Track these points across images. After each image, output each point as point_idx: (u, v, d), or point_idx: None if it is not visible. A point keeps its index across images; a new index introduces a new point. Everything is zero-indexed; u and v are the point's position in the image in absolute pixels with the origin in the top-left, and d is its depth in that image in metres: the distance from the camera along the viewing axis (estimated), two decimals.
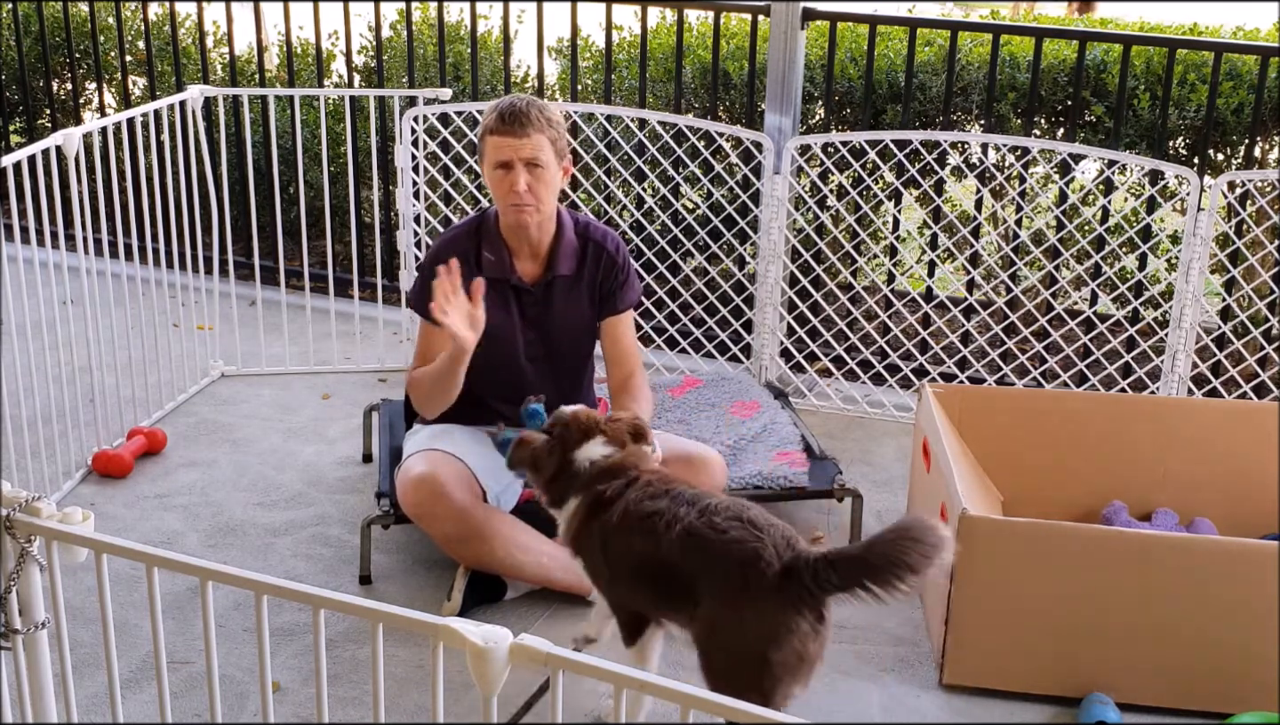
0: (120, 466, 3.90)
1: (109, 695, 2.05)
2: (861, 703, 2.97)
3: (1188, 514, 3.56)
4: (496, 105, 3.22)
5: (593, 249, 3.36)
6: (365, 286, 5.22)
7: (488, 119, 3.21)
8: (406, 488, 3.18)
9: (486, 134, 3.21)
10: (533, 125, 3.16)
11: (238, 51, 5.71)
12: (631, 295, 3.43)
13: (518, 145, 3.16)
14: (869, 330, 4.56)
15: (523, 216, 3.22)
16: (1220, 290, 4.51)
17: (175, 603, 3.25)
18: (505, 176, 3.19)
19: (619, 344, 3.43)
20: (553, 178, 3.23)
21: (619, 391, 3.40)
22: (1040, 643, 2.95)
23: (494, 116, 3.19)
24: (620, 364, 3.42)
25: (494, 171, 3.21)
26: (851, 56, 4.93)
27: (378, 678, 1.80)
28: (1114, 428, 3.62)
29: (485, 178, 3.28)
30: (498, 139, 3.18)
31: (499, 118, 3.18)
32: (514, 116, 3.16)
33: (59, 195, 3.71)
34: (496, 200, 3.26)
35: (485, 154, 3.23)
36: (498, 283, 3.30)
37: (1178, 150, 4.71)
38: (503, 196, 3.22)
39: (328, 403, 4.49)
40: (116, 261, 4.10)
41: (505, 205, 3.23)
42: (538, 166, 3.18)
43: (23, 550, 1.93)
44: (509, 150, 3.17)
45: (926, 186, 4.54)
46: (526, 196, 3.19)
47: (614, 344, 3.43)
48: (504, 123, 3.16)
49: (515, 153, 3.17)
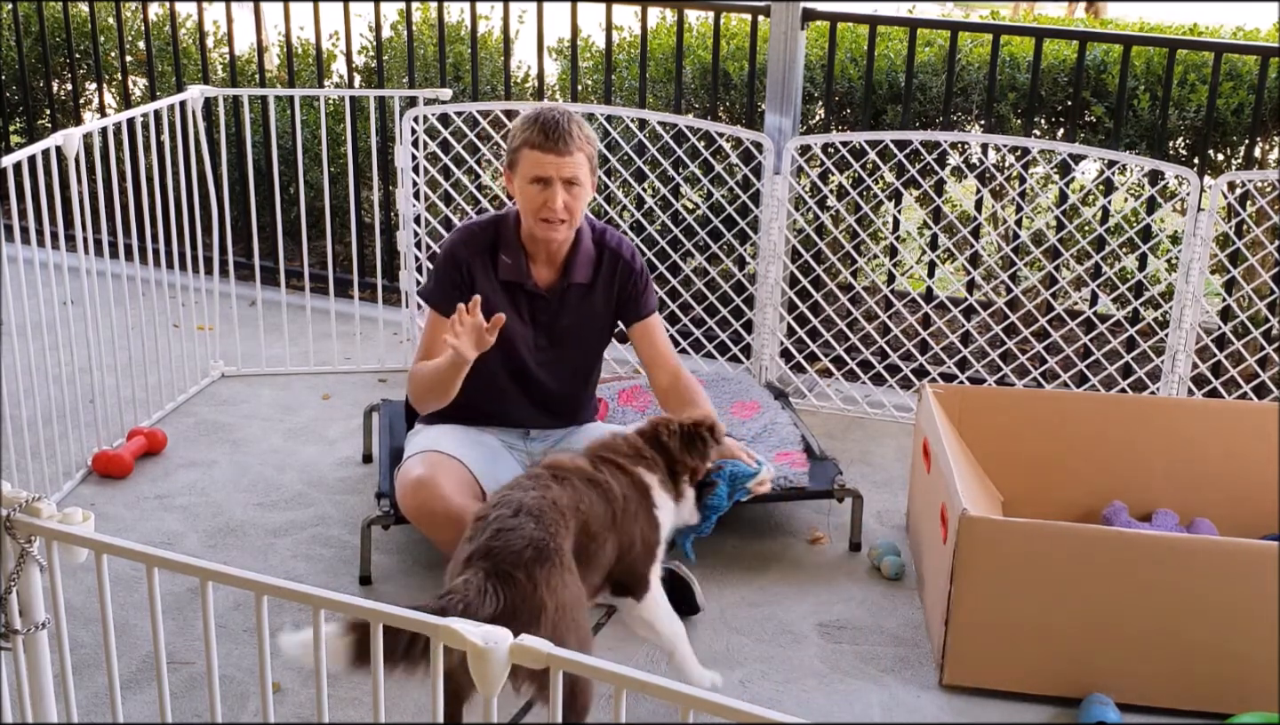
0: (120, 467, 3.90)
1: (109, 696, 2.05)
2: (861, 703, 2.97)
3: (1188, 514, 3.56)
4: (535, 118, 3.15)
5: (609, 257, 3.35)
6: (365, 287, 5.22)
7: (526, 131, 3.14)
8: (406, 490, 3.18)
9: (525, 146, 3.14)
10: (575, 144, 3.12)
11: (238, 52, 5.72)
12: (653, 299, 3.43)
13: (559, 163, 3.12)
14: (869, 330, 4.56)
15: (553, 232, 3.20)
16: (1220, 290, 4.51)
17: (175, 603, 3.25)
18: (541, 192, 3.14)
19: (655, 347, 3.40)
20: (586, 196, 3.21)
21: (668, 393, 3.34)
22: (1040, 643, 2.95)
23: (535, 131, 3.13)
24: (661, 367, 3.38)
25: (530, 185, 3.15)
26: (851, 57, 4.93)
27: (378, 678, 1.80)
28: (1114, 428, 3.62)
29: (514, 187, 3.22)
30: (539, 155, 3.12)
31: (542, 133, 3.11)
32: (558, 134, 3.11)
33: (59, 195, 3.71)
34: (526, 212, 3.21)
35: (520, 166, 3.16)
36: (512, 286, 3.30)
37: (1178, 150, 4.71)
38: (535, 211, 3.17)
39: (328, 403, 4.49)
40: (116, 262, 4.10)
41: (536, 219, 3.18)
42: (576, 185, 3.16)
43: (23, 550, 1.93)
44: (550, 168, 3.12)
45: (926, 187, 4.54)
46: (561, 214, 3.16)
47: (650, 347, 3.40)
48: (548, 139, 3.10)
49: (557, 171, 3.12)
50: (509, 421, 3.41)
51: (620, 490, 2.80)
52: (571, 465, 2.80)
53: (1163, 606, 2.88)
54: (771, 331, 4.48)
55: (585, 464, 2.83)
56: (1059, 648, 2.95)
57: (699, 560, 3.43)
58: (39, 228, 4.08)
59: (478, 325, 2.98)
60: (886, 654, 3.14)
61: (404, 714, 2.88)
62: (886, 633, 3.23)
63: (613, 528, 2.74)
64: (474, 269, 3.27)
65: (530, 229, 3.23)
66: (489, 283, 3.28)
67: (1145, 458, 3.61)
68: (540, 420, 3.44)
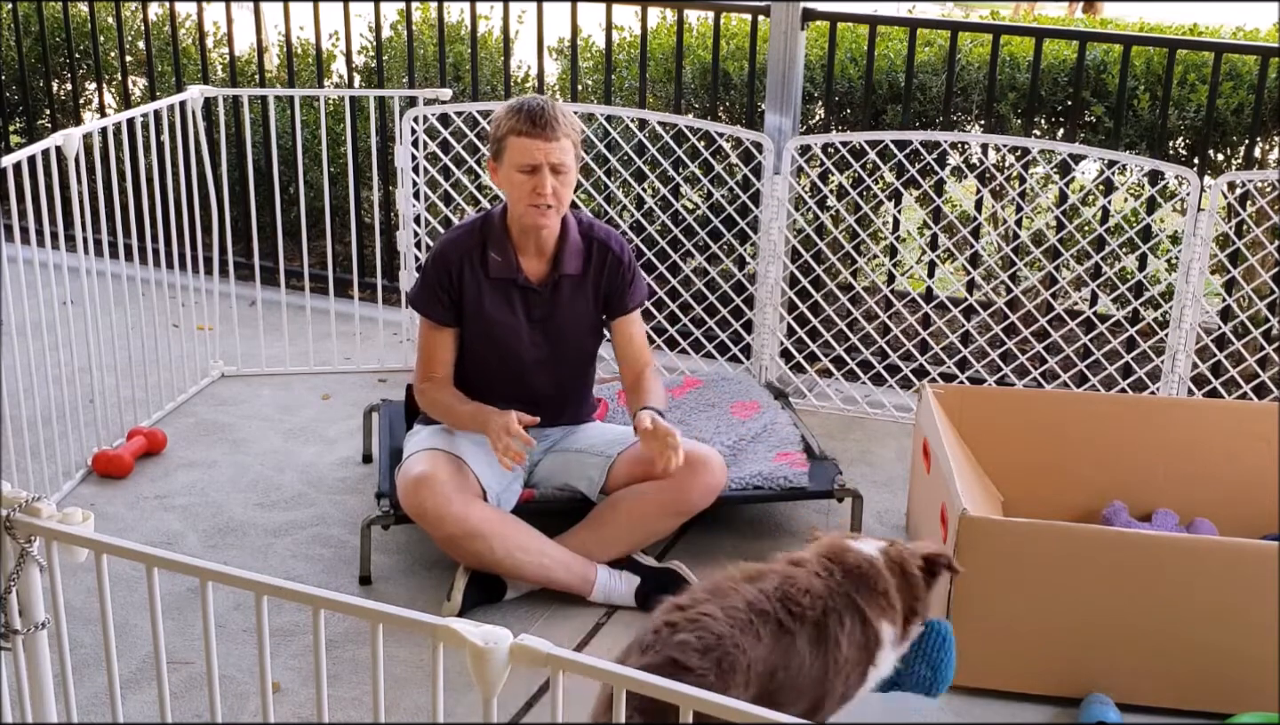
0: (120, 467, 3.90)
1: (109, 695, 2.05)
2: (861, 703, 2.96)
3: (1188, 514, 3.56)
4: (519, 107, 3.18)
5: (598, 248, 3.36)
6: (365, 287, 5.22)
7: (511, 120, 3.17)
8: (407, 488, 3.19)
9: (510, 135, 3.17)
10: (561, 129, 3.15)
11: (238, 52, 5.71)
12: (639, 294, 3.44)
13: (547, 149, 3.14)
14: (869, 330, 4.56)
15: (543, 219, 3.22)
16: (1220, 291, 4.51)
17: (175, 603, 3.25)
18: (530, 179, 3.17)
19: (631, 344, 3.44)
20: (573, 181, 3.23)
21: (632, 390, 3.42)
22: (1040, 643, 2.95)
23: (520, 118, 3.15)
24: (631, 363, 3.44)
25: (517, 174, 3.18)
26: (851, 57, 4.93)
27: (378, 678, 1.80)
28: (1114, 428, 3.62)
29: (501, 177, 3.24)
30: (526, 141, 3.15)
31: (528, 120, 3.14)
32: (544, 120, 3.13)
33: (59, 195, 3.71)
34: (514, 201, 3.24)
35: (507, 155, 3.19)
36: (503, 283, 3.30)
37: (1178, 151, 4.71)
38: (524, 198, 3.19)
39: (328, 403, 4.49)
40: (116, 262, 4.10)
41: (525, 206, 3.20)
42: (563, 171, 3.18)
43: (23, 551, 1.93)
44: (538, 153, 3.14)
45: (926, 187, 4.54)
46: (550, 199, 3.18)
47: (626, 343, 3.44)
48: (534, 126, 3.13)
49: (545, 156, 3.15)
50: None
51: (846, 651, 2.35)
52: (806, 607, 2.32)
53: (1162, 606, 2.88)
54: (771, 331, 4.48)
55: (821, 601, 2.35)
56: (1059, 648, 2.95)
57: (699, 561, 3.44)
58: (39, 228, 4.08)
59: (527, 441, 3.13)
60: None
61: (404, 714, 2.88)
62: None
63: (810, 690, 2.33)
64: (462, 272, 3.29)
65: (519, 218, 3.25)
66: (479, 283, 3.29)
67: (1145, 458, 3.60)
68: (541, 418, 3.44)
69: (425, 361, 3.38)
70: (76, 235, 3.87)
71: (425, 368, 3.39)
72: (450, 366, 3.39)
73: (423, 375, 3.40)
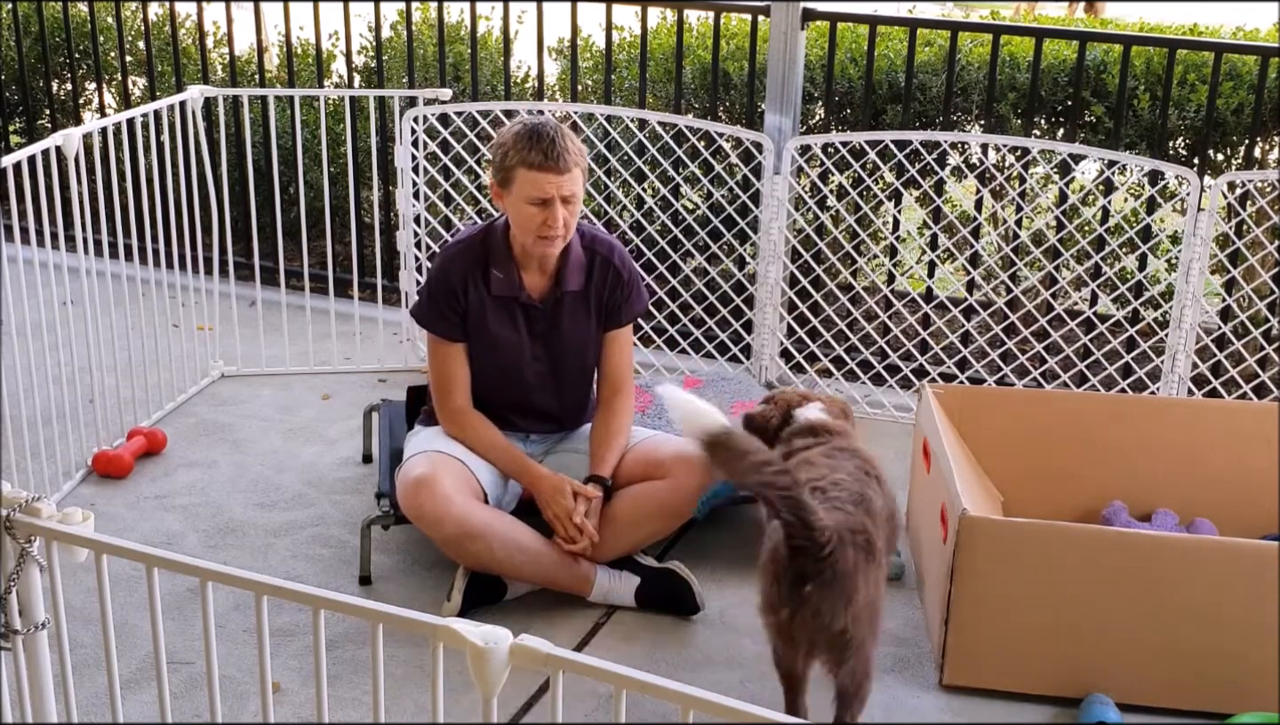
0: (120, 467, 3.90)
1: (109, 696, 2.05)
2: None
3: (1188, 514, 3.56)
4: (528, 137, 3.10)
5: (599, 262, 3.34)
6: (365, 287, 5.22)
7: (521, 151, 3.10)
8: (407, 489, 3.18)
9: (520, 166, 3.10)
10: (571, 159, 3.11)
11: (238, 52, 5.71)
12: (637, 307, 3.41)
13: (559, 182, 3.10)
14: (869, 331, 4.56)
15: (551, 248, 3.20)
16: (1220, 291, 4.51)
17: (175, 603, 3.25)
18: (541, 211, 3.13)
19: (612, 359, 3.41)
20: (580, 204, 3.21)
21: (603, 406, 3.40)
22: (1040, 643, 2.95)
23: (531, 151, 3.09)
24: (610, 378, 3.42)
25: (527, 206, 3.13)
26: (851, 57, 4.93)
27: (378, 678, 1.80)
28: (1114, 428, 3.62)
29: (508, 205, 3.18)
30: (538, 175, 3.09)
31: (540, 153, 3.08)
32: (555, 153, 3.08)
33: (59, 196, 3.71)
34: (523, 231, 3.18)
35: (516, 186, 3.13)
36: (506, 300, 3.29)
37: (1178, 151, 4.71)
38: (534, 230, 3.15)
39: (328, 403, 4.49)
40: (116, 262, 4.10)
41: (534, 237, 3.17)
42: (572, 201, 3.15)
43: (23, 551, 1.93)
44: (551, 187, 3.10)
45: (926, 187, 4.54)
46: (560, 230, 3.16)
47: (608, 358, 3.42)
48: (546, 159, 3.08)
49: (557, 190, 3.11)
50: (508, 427, 3.41)
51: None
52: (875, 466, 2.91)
53: (1163, 606, 2.88)
54: (771, 331, 4.48)
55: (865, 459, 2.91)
56: (1059, 648, 2.95)
57: (699, 561, 3.44)
58: (39, 228, 4.08)
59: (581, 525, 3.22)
60: (886, 654, 3.14)
61: (404, 714, 2.88)
62: (886, 633, 3.21)
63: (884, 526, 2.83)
64: (466, 289, 3.28)
65: (527, 246, 3.22)
66: (483, 300, 3.28)
67: (1145, 458, 3.60)
68: (540, 427, 3.46)
69: (442, 381, 3.35)
70: (76, 235, 3.86)
71: (442, 387, 3.35)
72: (468, 385, 3.34)
73: (442, 397, 3.36)
